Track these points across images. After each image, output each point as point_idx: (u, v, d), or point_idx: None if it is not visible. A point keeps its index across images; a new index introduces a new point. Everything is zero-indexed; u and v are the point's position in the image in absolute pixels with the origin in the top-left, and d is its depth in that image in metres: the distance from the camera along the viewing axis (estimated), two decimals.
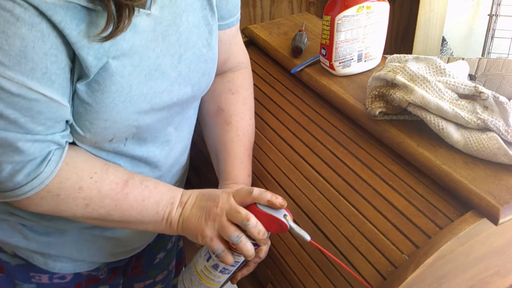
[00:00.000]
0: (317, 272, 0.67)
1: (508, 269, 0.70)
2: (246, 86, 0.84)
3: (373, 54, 0.84)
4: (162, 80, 0.64)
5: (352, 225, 0.65)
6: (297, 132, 0.81)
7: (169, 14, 0.62)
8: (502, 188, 0.59)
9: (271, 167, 0.80)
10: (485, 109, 0.66)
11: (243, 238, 0.64)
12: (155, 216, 0.67)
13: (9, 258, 0.78)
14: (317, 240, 0.68)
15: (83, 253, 0.78)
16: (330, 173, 0.72)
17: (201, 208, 0.66)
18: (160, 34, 0.62)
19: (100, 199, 0.63)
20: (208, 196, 0.67)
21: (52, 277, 0.79)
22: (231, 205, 0.64)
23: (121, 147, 0.68)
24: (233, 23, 0.77)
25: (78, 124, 0.60)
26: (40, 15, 0.49)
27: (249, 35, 1.03)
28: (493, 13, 1.88)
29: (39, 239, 0.74)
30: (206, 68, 0.70)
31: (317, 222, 0.69)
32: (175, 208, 0.67)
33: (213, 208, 0.65)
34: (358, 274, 0.62)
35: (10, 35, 0.48)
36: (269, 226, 0.64)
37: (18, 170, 0.58)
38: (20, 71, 0.50)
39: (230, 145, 0.79)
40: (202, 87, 0.73)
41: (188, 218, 0.67)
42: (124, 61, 0.59)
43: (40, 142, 0.57)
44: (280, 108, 0.87)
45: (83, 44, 0.54)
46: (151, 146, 0.71)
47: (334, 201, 0.69)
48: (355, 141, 0.74)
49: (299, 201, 0.73)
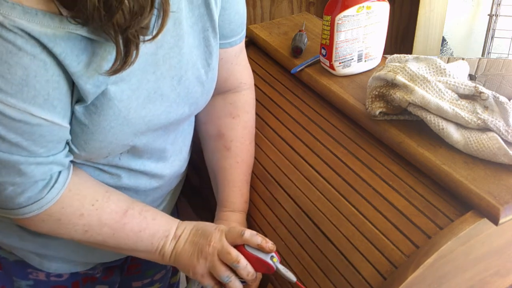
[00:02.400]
0: (317, 272, 0.67)
1: (508, 269, 0.70)
2: (247, 108, 0.83)
3: (373, 54, 0.84)
4: (161, 102, 0.64)
5: (352, 225, 0.65)
6: (297, 132, 0.81)
7: (172, 38, 0.62)
8: (502, 188, 0.59)
9: (271, 167, 0.80)
10: (485, 109, 0.66)
11: (233, 278, 0.67)
12: (149, 247, 0.68)
13: (6, 254, 0.78)
14: (317, 240, 0.68)
15: (78, 253, 0.78)
16: (330, 173, 0.72)
17: (194, 244, 0.68)
18: (161, 57, 0.61)
19: (99, 226, 0.65)
20: (202, 232, 0.69)
21: (49, 275, 0.80)
22: (223, 245, 0.66)
23: (116, 161, 0.68)
24: (236, 42, 0.75)
25: (73, 143, 0.60)
26: (40, 46, 0.50)
27: (249, 35, 1.03)
28: (493, 13, 1.88)
29: (35, 239, 0.74)
30: (204, 89, 0.70)
31: (317, 222, 0.69)
32: (169, 242, 0.69)
33: (206, 246, 0.67)
34: (358, 274, 0.62)
35: (12, 64, 0.49)
36: (257, 267, 0.67)
37: (19, 192, 0.58)
38: (22, 98, 0.51)
39: (228, 171, 0.79)
40: (200, 106, 0.72)
41: (181, 253, 0.68)
42: (123, 86, 0.58)
43: (42, 164, 0.58)
44: (280, 108, 0.87)
45: (83, 74, 0.54)
46: (147, 160, 0.72)
47: (334, 201, 0.69)
48: (355, 141, 0.74)
49: (299, 201, 0.73)
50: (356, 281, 0.61)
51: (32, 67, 0.50)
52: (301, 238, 0.70)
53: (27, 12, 0.48)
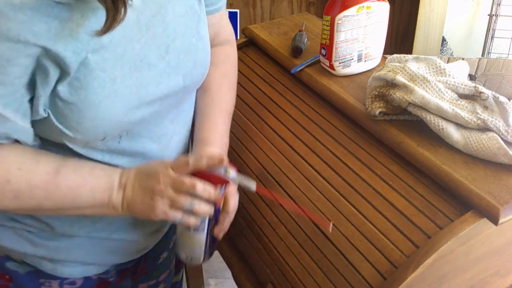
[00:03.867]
0: (317, 272, 0.67)
1: (508, 269, 0.70)
2: (227, 60, 0.85)
3: (373, 54, 0.84)
4: (148, 72, 0.63)
5: (352, 224, 0.65)
6: (297, 132, 0.81)
7: (153, 5, 0.62)
8: (502, 188, 0.59)
9: (270, 167, 0.80)
10: (485, 109, 0.66)
11: (196, 203, 0.64)
12: (92, 202, 0.65)
13: (17, 266, 0.77)
14: (316, 240, 0.68)
15: (91, 256, 0.77)
16: (330, 173, 0.72)
17: (143, 188, 0.65)
18: (144, 25, 0.61)
19: (30, 190, 0.62)
20: (146, 174, 0.66)
21: (62, 283, 0.78)
22: (173, 177, 0.64)
23: (116, 145, 0.67)
24: (221, 7, 0.77)
25: (65, 126, 0.59)
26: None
27: (249, 35, 1.03)
28: (493, 13, 1.88)
29: (46, 244, 0.73)
30: (197, 58, 0.70)
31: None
32: (115, 192, 0.66)
33: (156, 185, 0.64)
34: (358, 274, 0.62)
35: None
36: (216, 183, 0.65)
37: None
38: None
39: (204, 110, 0.79)
40: (195, 78, 0.72)
41: (133, 200, 0.66)
42: (105, 55, 0.58)
43: None
44: (280, 108, 0.87)
45: (59, 40, 0.53)
46: (147, 141, 0.70)
47: (334, 201, 0.69)
48: (355, 141, 0.74)
49: (299, 201, 0.73)
50: (356, 280, 0.61)
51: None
52: (301, 237, 0.70)
53: None
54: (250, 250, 0.81)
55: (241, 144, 0.87)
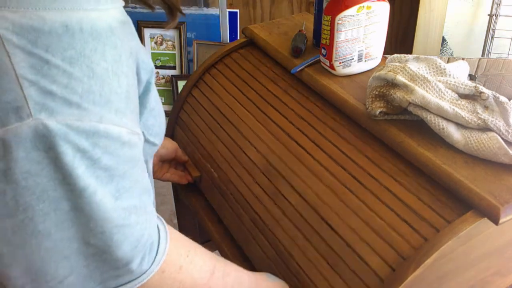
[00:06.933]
0: (323, 264, 0.66)
1: (508, 269, 0.70)
2: None
3: (374, 54, 0.84)
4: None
5: (359, 217, 0.65)
6: (302, 128, 0.81)
7: None
8: (502, 187, 0.59)
9: (276, 162, 0.80)
10: (486, 109, 0.66)
11: None
12: None
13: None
14: (323, 232, 0.68)
15: None
16: (336, 168, 0.72)
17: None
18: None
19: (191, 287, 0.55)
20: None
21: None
22: None
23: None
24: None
25: (150, 134, 0.56)
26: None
27: (249, 35, 1.03)
28: (493, 13, 1.88)
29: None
30: None
31: (324, 215, 0.69)
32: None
33: None
34: (366, 265, 0.61)
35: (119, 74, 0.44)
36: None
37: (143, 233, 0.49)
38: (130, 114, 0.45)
39: None
40: None
41: None
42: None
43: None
44: (284, 104, 0.87)
45: (142, 55, 0.50)
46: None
47: (341, 194, 0.69)
48: (361, 138, 0.74)
49: (305, 194, 0.73)
50: (363, 271, 0.61)
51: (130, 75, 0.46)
52: (307, 230, 0.70)
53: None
54: (253, 245, 0.81)
55: (246, 140, 0.87)
